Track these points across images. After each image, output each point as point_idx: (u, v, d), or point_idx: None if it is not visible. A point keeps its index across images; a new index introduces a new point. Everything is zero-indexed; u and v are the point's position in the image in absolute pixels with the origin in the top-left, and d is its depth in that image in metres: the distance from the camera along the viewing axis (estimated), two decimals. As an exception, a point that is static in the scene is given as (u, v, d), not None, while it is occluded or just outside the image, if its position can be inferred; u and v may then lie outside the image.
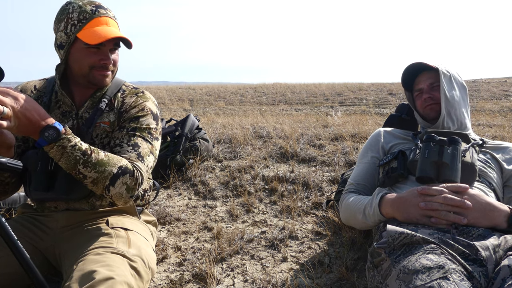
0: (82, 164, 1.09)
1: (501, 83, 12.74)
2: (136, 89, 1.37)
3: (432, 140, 1.25)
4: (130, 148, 1.22)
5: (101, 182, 1.11)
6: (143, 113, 1.29)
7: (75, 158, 1.08)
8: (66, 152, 1.07)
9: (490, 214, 1.09)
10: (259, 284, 1.34)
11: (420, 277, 0.89)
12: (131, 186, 1.16)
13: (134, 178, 1.16)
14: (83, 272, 0.95)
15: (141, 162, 1.20)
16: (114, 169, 1.12)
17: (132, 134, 1.25)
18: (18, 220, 1.26)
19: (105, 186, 1.12)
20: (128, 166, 1.16)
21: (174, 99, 11.62)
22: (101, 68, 1.24)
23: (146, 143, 1.25)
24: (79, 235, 1.20)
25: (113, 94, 1.33)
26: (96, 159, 1.11)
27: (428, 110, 1.50)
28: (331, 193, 2.11)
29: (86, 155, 1.09)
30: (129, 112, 1.29)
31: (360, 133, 3.31)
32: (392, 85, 13.19)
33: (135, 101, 1.32)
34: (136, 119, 1.28)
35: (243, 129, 3.53)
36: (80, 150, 1.09)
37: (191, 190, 2.29)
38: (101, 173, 1.11)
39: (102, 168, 1.11)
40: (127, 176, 1.14)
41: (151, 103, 1.34)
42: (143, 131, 1.26)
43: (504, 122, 4.73)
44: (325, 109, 8.97)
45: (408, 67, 1.56)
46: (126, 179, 1.14)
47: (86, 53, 1.21)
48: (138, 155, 1.21)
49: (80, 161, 1.08)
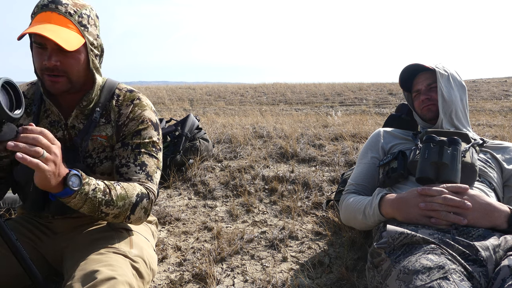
0: (105, 205, 1.04)
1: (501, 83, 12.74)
2: (132, 94, 1.26)
3: (432, 140, 1.25)
4: (137, 168, 1.17)
5: (123, 214, 1.09)
6: (144, 126, 1.22)
7: (98, 201, 1.03)
8: (89, 198, 1.01)
9: (490, 214, 1.09)
10: (259, 284, 1.35)
11: (420, 277, 0.89)
12: (148, 208, 1.15)
13: (150, 200, 1.15)
14: (85, 272, 0.96)
15: (151, 183, 1.18)
16: (133, 199, 1.10)
17: (137, 152, 1.19)
18: (17, 220, 1.26)
19: (126, 216, 1.11)
20: (143, 191, 1.13)
21: (174, 99, 11.62)
22: (48, 72, 1.08)
23: (152, 159, 1.21)
24: (80, 236, 1.20)
25: (107, 101, 1.23)
26: (116, 195, 1.06)
27: (426, 111, 1.51)
28: (331, 193, 2.11)
29: (106, 194, 1.04)
30: (128, 125, 1.21)
31: (360, 133, 3.31)
32: (392, 85, 13.18)
33: (133, 111, 1.23)
34: (138, 133, 1.21)
35: (243, 129, 3.53)
36: (100, 191, 1.03)
37: (191, 190, 2.29)
38: (122, 207, 1.08)
39: (122, 203, 1.08)
40: (144, 201, 1.13)
41: (149, 111, 1.26)
42: (147, 146, 1.21)
43: (504, 122, 4.73)
44: (325, 109, 8.97)
45: (405, 69, 1.56)
46: (144, 204, 1.13)
47: (36, 53, 1.09)
48: (147, 176, 1.18)
49: (103, 202, 1.03)
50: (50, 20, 1.05)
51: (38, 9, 1.07)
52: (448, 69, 1.50)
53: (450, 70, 1.50)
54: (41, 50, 1.07)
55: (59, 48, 1.06)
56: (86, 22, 1.12)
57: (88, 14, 1.13)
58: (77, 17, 1.10)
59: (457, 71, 1.53)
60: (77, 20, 1.09)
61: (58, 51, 1.07)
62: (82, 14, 1.11)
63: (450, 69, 1.51)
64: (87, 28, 1.12)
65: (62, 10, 1.07)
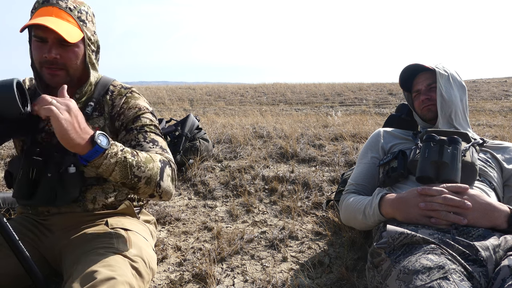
0: (136, 166, 1.03)
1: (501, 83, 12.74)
2: (125, 89, 1.30)
3: (432, 139, 1.25)
4: (150, 144, 1.18)
5: (153, 179, 1.07)
6: (142, 112, 1.25)
7: (129, 162, 1.01)
8: (119, 159, 1.00)
9: (490, 214, 1.09)
10: (259, 284, 1.34)
11: (420, 277, 0.89)
12: (173, 176, 1.15)
13: (172, 168, 1.15)
14: (85, 272, 0.95)
15: (168, 154, 1.19)
16: (158, 164, 1.09)
17: (144, 132, 1.21)
18: (17, 220, 1.26)
19: (156, 183, 1.08)
20: (163, 158, 1.13)
21: (174, 99, 11.62)
22: (48, 65, 1.12)
23: (159, 137, 1.24)
24: (79, 236, 1.19)
25: (101, 96, 1.26)
26: (144, 157, 1.05)
27: (426, 111, 1.51)
28: (331, 193, 2.11)
29: (135, 155, 1.03)
30: (125, 113, 1.24)
31: (360, 133, 3.31)
32: (392, 85, 13.19)
33: (126, 101, 1.26)
34: (138, 118, 1.24)
35: (243, 129, 3.53)
36: (129, 153, 1.02)
37: (191, 190, 2.29)
38: (151, 170, 1.06)
39: (151, 165, 1.06)
40: (167, 168, 1.12)
41: (143, 101, 1.29)
42: (151, 128, 1.23)
43: (504, 122, 4.73)
44: (325, 109, 8.97)
45: (405, 69, 1.56)
46: (168, 171, 1.12)
47: (35, 47, 1.12)
48: (162, 149, 1.19)
49: (133, 163, 1.02)
50: (51, 13, 1.10)
51: (39, 5, 1.11)
52: (448, 69, 1.50)
53: (450, 70, 1.50)
54: (40, 44, 1.11)
55: (59, 42, 1.11)
56: (84, 17, 1.17)
57: (86, 10, 1.18)
58: (76, 12, 1.15)
59: (457, 71, 1.53)
60: (76, 15, 1.15)
61: (58, 44, 1.11)
62: (81, 10, 1.17)
63: (450, 69, 1.51)
64: (85, 24, 1.17)
65: (63, 5, 1.12)
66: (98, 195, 1.26)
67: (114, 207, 1.31)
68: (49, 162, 1.14)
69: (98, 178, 1.26)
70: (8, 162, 1.26)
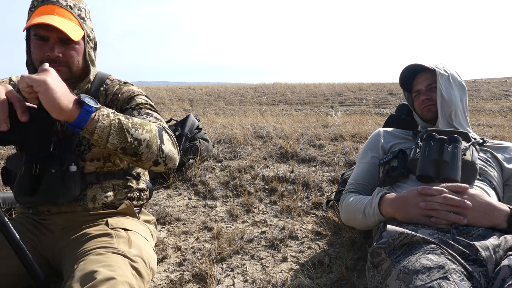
0: (133, 128, 1.00)
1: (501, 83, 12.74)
2: (120, 81, 1.32)
3: (432, 138, 1.24)
4: (144, 116, 1.17)
5: (154, 142, 1.04)
6: (136, 94, 1.25)
7: (124, 124, 0.98)
8: (113, 122, 0.97)
9: (490, 214, 1.09)
10: (259, 284, 1.34)
11: (420, 277, 0.89)
12: (172, 141, 1.13)
13: (169, 134, 1.13)
14: (84, 272, 0.95)
15: (162, 123, 1.17)
16: (155, 127, 1.07)
17: (138, 108, 1.20)
18: (18, 220, 1.26)
19: (158, 147, 1.05)
20: (157, 125, 1.12)
21: (174, 99, 11.61)
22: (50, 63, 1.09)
23: (155, 113, 1.23)
24: (79, 236, 1.19)
25: (97, 90, 1.27)
26: (138, 121, 1.03)
27: (426, 111, 1.51)
28: (331, 193, 2.11)
29: (128, 118, 1.01)
30: (119, 98, 1.24)
31: (360, 133, 3.31)
32: (392, 85, 13.19)
33: (120, 88, 1.27)
34: (133, 99, 1.23)
35: (243, 129, 3.53)
36: (122, 115, 1.01)
37: (191, 190, 2.29)
38: (150, 132, 1.03)
39: (148, 127, 1.03)
40: (164, 132, 1.10)
41: (136, 88, 1.30)
42: (146, 105, 1.23)
43: (504, 122, 4.73)
44: (325, 109, 8.97)
45: (405, 69, 1.56)
46: (167, 135, 1.10)
47: (35, 46, 1.12)
48: (156, 119, 1.18)
49: (129, 125, 0.99)
50: (53, 12, 1.10)
51: (38, 3, 1.11)
52: (448, 70, 1.50)
53: (450, 70, 1.50)
54: (41, 43, 1.11)
55: (61, 40, 1.11)
56: (84, 15, 1.18)
57: (84, 8, 1.19)
58: (76, 10, 1.15)
59: (457, 72, 1.53)
60: (76, 12, 1.15)
61: (60, 43, 1.12)
62: (80, 7, 1.17)
63: (450, 70, 1.51)
64: (85, 21, 1.18)
65: (63, 3, 1.13)
66: (98, 194, 1.26)
67: (114, 207, 1.31)
68: (52, 158, 1.15)
69: (98, 175, 1.26)
70: (6, 159, 1.26)
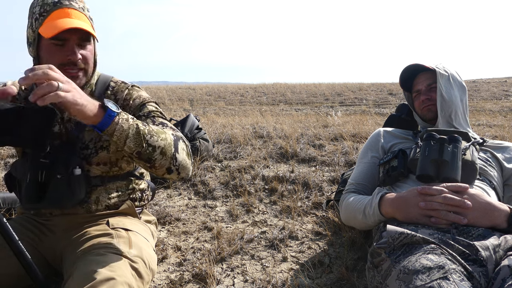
0: (149, 135, 1.01)
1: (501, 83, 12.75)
2: (126, 84, 1.31)
3: (432, 138, 1.24)
4: (160, 126, 1.17)
5: (168, 150, 1.04)
6: (147, 101, 1.25)
7: (142, 130, 1.00)
8: (131, 125, 0.98)
9: (490, 214, 1.09)
10: (259, 284, 1.34)
11: (420, 277, 0.89)
12: (187, 151, 1.13)
13: (186, 144, 1.13)
14: (84, 272, 0.95)
15: (178, 133, 1.17)
16: (171, 136, 1.07)
17: (151, 117, 1.20)
18: (18, 221, 1.26)
19: (172, 155, 1.06)
20: (175, 133, 1.12)
21: (174, 99, 11.61)
22: (71, 67, 1.11)
23: (168, 122, 1.23)
24: (80, 236, 1.19)
25: (102, 92, 1.26)
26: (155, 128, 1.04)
27: (426, 111, 1.51)
28: (331, 193, 2.11)
29: (145, 125, 1.02)
30: (131, 105, 1.24)
31: (360, 133, 3.31)
32: (392, 85, 13.19)
33: (129, 93, 1.26)
34: (144, 106, 1.23)
35: (243, 129, 3.53)
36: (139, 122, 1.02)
37: (191, 190, 2.29)
38: (165, 140, 1.04)
39: (163, 136, 1.04)
40: (180, 141, 1.10)
41: (144, 93, 1.30)
42: (157, 113, 1.23)
43: (504, 122, 4.73)
44: (325, 109, 8.97)
45: (405, 69, 1.56)
46: (182, 145, 1.11)
47: (52, 50, 1.10)
48: (172, 129, 1.18)
49: (146, 131, 1.01)
50: (71, 15, 1.09)
51: (50, 7, 1.08)
52: (449, 70, 1.50)
53: (450, 70, 1.50)
54: (59, 47, 1.10)
55: (79, 43, 1.12)
56: (91, 15, 1.18)
57: (88, 8, 1.19)
58: (86, 11, 1.16)
59: (457, 72, 1.53)
60: (88, 14, 1.16)
61: (78, 45, 1.13)
62: (88, 9, 1.18)
63: (450, 70, 1.51)
64: (93, 22, 1.19)
65: (76, 6, 1.12)
66: (102, 196, 1.26)
67: (116, 208, 1.31)
68: (57, 163, 1.14)
69: (103, 179, 1.26)
70: (10, 165, 1.25)
